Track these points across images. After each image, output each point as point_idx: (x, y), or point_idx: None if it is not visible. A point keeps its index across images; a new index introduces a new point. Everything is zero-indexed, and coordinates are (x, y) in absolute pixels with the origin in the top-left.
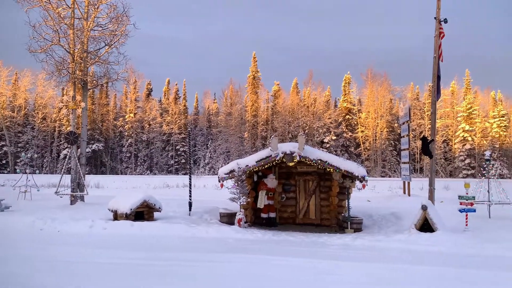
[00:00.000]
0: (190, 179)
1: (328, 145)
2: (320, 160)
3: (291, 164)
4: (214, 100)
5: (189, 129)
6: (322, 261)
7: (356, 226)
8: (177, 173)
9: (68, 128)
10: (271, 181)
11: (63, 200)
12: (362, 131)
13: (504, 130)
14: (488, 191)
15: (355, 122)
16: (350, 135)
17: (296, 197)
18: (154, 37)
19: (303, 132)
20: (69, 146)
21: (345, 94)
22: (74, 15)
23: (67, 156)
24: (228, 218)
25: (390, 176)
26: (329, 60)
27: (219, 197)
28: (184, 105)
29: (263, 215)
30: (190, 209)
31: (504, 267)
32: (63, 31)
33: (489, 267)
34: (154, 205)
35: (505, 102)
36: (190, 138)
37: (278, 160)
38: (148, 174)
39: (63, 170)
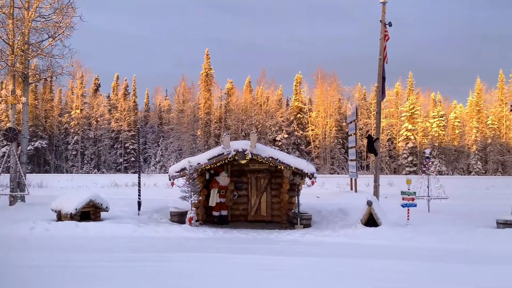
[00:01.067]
0: (139, 177)
1: (280, 143)
2: (272, 157)
3: (243, 161)
4: (166, 96)
5: (139, 126)
6: (272, 257)
7: (306, 222)
8: (126, 172)
9: (7, 125)
10: (223, 179)
11: (1, 200)
12: (312, 130)
13: (443, 129)
14: (428, 187)
15: (306, 121)
16: (301, 134)
17: (248, 194)
18: (103, 30)
19: (256, 130)
20: (9, 143)
21: (297, 93)
22: (13, 4)
23: (6, 154)
24: (179, 217)
25: (338, 173)
26: (282, 59)
27: (170, 196)
28: (134, 102)
29: (215, 213)
30: (139, 209)
31: (441, 258)
32: (1, 20)
33: (428, 259)
34: (101, 204)
35: (443, 103)
36: (140, 135)
37: (230, 158)
38: (95, 173)
39: (1, 168)
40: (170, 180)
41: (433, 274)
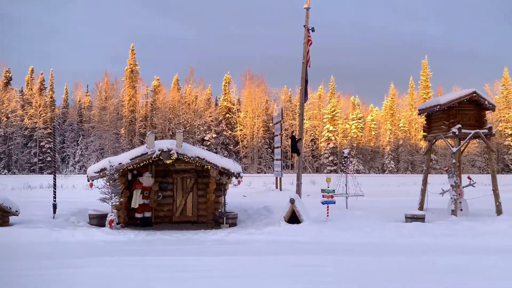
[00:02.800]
0: (54, 178)
1: (208, 143)
2: (198, 157)
3: (168, 161)
4: (87, 92)
5: (55, 124)
6: (196, 258)
7: (232, 221)
8: (41, 173)
9: None
10: (146, 180)
11: None
12: (240, 130)
13: (361, 131)
14: (346, 185)
15: (235, 121)
16: (230, 133)
17: (174, 195)
18: (16, 20)
19: (183, 129)
20: None
21: (225, 93)
22: None
23: None
24: (98, 220)
25: (265, 172)
26: (211, 59)
27: (90, 198)
28: (51, 97)
29: (138, 215)
30: (54, 212)
31: (356, 252)
32: None
33: (344, 253)
34: (10, 208)
35: (362, 107)
36: (55, 133)
37: (155, 158)
38: (5, 174)
39: None
40: (88, 181)
41: (349, 267)
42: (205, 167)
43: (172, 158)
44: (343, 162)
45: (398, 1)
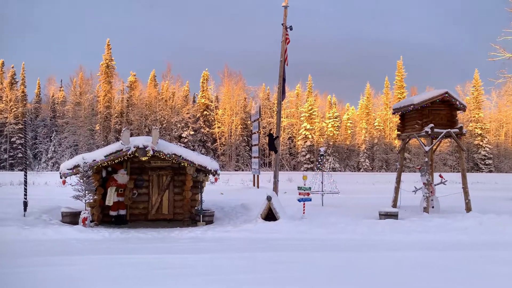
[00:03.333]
0: (25, 175)
1: (186, 140)
2: (175, 154)
3: (144, 158)
4: (61, 87)
5: (26, 119)
6: (171, 256)
7: (208, 218)
8: (12, 169)
9: None
10: (121, 177)
11: None
12: (218, 127)
13: (337, 129)
14: (322, 182)
15: (213, 118)
16: (208, 131)
17: (149, 192)
18: None
19: (160, 126)
20: None
21: (203, 90)
22: None
23: None
24: (71, 218)
25: (243, 170)
26: (189, 55)
27: (63, 196)
28: (23, 92)
29: (112, 213)
30: (25, 210)
31: (331, 248)
32: None
33: (319, 249)
34: None
35: (338, 105)
36: (27, 128)
37: (130, 155)
38: None
39: None
40: (61, 178)
41: (323, 263)
42: (182, 164)
43: (147, 155)
44: (319, 160)
45: (375, 3)
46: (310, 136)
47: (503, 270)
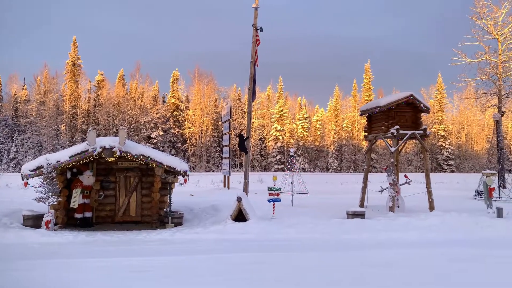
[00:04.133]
0: None
1: (155, 141)
2: (143, 155)
3: (110, 159)
4: (24, 86)
5: None
6: (137, 259)
7: (177, 220)
8: None
9: None
10: (87, 178)
11: None
12: (189, 128)
13: (307, 131)
14: (292, 183)
15: (183, 119)
16: (178, 131)
17: (116, 194)
18: None
19: (129, 126)
20: None
21: (173, 90)
22: None
23: None
24: (33, 221)
25: (214, 171)
26: (159, 54)
27: (25, 198)
28: None
29: (78, 215)
30: None
31: (298, 248)
32: None
33: (287, 249)
34: None
35: (308, 107)
36: None
37: (96, 156)
38: None
39: None
40: (23, 179)
41: (291, 263)
42: (150, 165)
43: (114, 156)
44: (289, 161)
45: (345, 6)
46: (280, 137)
47: (460, 265)
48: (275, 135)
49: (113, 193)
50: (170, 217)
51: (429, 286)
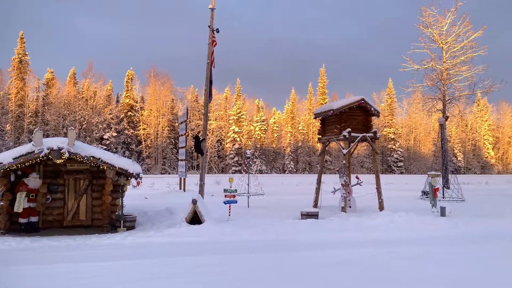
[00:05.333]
0: None
1: (108, 142)
2: (93, 157)
3: (59, 161)
4: None
5: None
6: (86, 264)
7: (130, 224)
8: None
9: None
10: (33, 181)
11: None
12: (144, 129)
13: (264, 133)
14: (248, 184)
15: (138, 120)
16: (132, 132)
17: (65, 197)
18: None
19: (80, 127)
20: None
21: (128, 90)
22: None
23: None
24: None
25: (170, 173)
26: (112, 53)
27: None
28: None
29: (22, 220)
30: None
31: (254, 249)
32: None
33: (242, 250)
34: None
35: (265, 109)
36: None
37: (43, 157)
38: None
39: None
40: None
41: (244, 264)
42: (101, 167)
43: (63, 157)
44: (246, 163)
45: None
46: (238, 139)
47: (405, 263)
48: (233, 137)
49: (61, 196)
50: (122, 221)
51: (377, 282)
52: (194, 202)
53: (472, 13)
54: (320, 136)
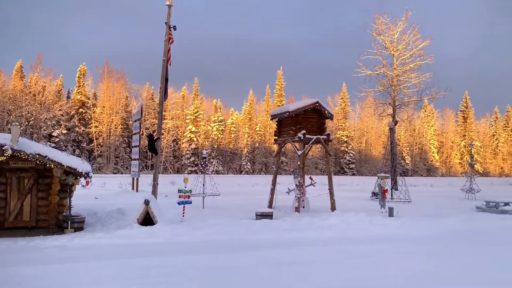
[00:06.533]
0: None
1: (57, 139)
2: (39, 154)
3: (1, 158)
4: None
5: None
6: (28, 268)
7: (78, 225)
8: None
9: None
10: None
11: None
12: (96, 127)
13: (221, 133)
14: (204, 185)
15: (90, 117)
16: (83, 130)
17: (7, 197)
18: None
19: (27, 123)
20: None
21: (80, 86)
22: None
23: None
24: None
25: (122, 173)
26: (65, 47)
27: None
28: None
29: None
30: None
31: (206, 250)
32: None
33: (194, 251)
34: None
35: (223, 110)
36: None
37: None
38: None
39: None
40: None
41: (195, 265)
42: (48, 166)
43: (5, 155)
44: (202, 163)
45: (261, 13)
46: (195, 139)
47: (356, 261)
48: (190, 136)
49: (3, 196)
50: (69, 222)
51: (328, 281)
52: (147, 202)
53: (421, 23)
54: (276, 138)
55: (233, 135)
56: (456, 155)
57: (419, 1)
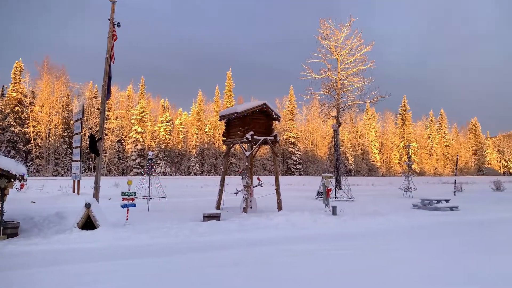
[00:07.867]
0: None
1: None
2: None
3: None
4: None
5: None
6: None
7: (11, 231)
8: None
9: None
10: None
11: None
12: (34, 126)
13: (169, 134)
14: (149, 187)
15: (27, 116)
16: (20, 130)
17: None
18: None
19: None
20: None
21: (16, 83)
22: None
23: None
24: None
25: (63, 175)
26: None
27: None
28: None
29: None
30: None
31: (149, 254)
32: None
33: (137, 255)
34: None
35: (171, 110)
36: None
37: None
38: None
39: None
40: None
41: (137, 270)
42: None
43: None
44: (148, 165)
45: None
46: (141, 140)
47: (299, 259)
48: (135, 137)
49: None
50: (1, 228)
51: (270, 281)
52: (88, 206)
53: (364, 29)
54: (224, 138)
55: (181, 136)
56: (396, 155)
57: (369, 5)
